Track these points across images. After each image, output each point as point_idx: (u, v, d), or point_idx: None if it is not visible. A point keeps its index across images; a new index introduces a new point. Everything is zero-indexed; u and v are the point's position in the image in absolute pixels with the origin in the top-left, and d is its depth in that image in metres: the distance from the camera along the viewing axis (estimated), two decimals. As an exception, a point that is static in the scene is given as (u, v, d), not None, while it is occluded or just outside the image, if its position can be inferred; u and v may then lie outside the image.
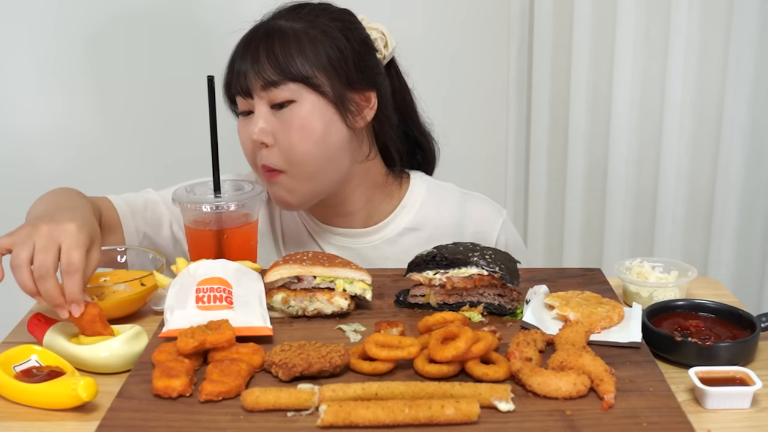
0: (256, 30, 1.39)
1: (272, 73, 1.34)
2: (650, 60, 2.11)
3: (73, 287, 1.09)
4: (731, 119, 1.95)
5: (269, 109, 1.36)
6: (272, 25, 1.38)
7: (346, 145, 1.41)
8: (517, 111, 2.50)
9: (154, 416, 0.93)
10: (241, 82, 1.36)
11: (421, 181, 1.56)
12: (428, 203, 1.53)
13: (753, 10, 1.88)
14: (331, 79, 1.36)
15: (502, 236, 1.54)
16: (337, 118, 1.38)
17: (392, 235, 1.52)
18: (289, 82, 1.34)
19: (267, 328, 1.12)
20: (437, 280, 1.21)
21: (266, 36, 1.37)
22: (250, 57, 1.35)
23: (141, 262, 1.36)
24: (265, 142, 1.36)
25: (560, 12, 2.30)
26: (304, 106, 1.35)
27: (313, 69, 1.35)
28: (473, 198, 1.57)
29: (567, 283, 1.30)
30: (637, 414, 0.93)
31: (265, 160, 1.37)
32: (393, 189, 1.54)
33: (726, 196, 1.99)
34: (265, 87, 1.34)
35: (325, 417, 0.90)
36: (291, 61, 1.34)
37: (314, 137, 1.36)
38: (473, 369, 1.00)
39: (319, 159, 1.37)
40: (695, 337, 1.10)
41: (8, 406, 1.01)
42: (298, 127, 1.35)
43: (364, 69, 1.41)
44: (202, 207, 1.26)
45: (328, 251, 1.52)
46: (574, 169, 2.31)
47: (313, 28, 1.38)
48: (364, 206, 1.51)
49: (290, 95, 1.35)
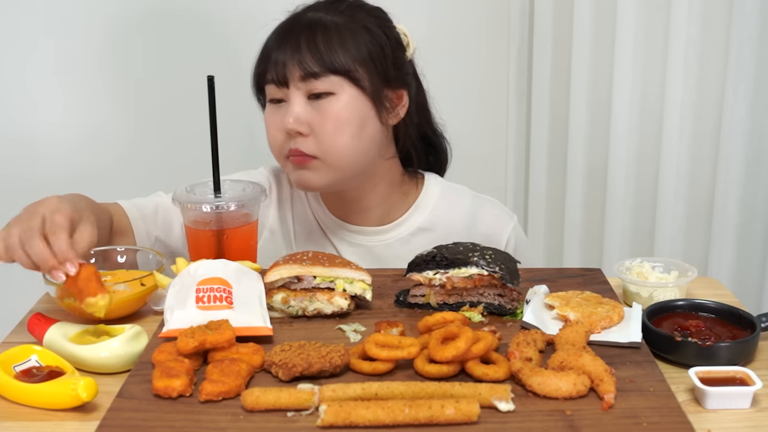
0: (295, 21, 1.40)
1: (314, 65, 1.35)
2: (650, 60, 2.11)
3: (61, 245, 1.11)
4: (731, 119, 1.95)
5: (305, 99, 1.37)
6: (313, 17, 1.39)
7: (378, 141, 1.44)
8: (517, 111, 2.50)
9: (154, 416, 0.93)
10: (279, 71, 1.37)
11: (435, 182, 1.58)
12: (441, 204, 1.55)
13: (753, 10, 1.87)
14: (371, 74, 1.38)
15: (511, 240, 1.55)
16: (373, 113, 1.40)
17: (405, 234, 1.53)
18: (331, 74, 1.35)
19: (267, 328, 1.12)
20: (437, 280, 1.21)
21: (308, 27, 1.37)
22: (290, 47, 1.36)
23: (141, 262, 1.36)
24: (301, 131, 1.37)
25: (560, 12, 2.30)
26: (342, 98, 1.37)
27: (354, 63, 1.37)
28: (485, 201, 1.59)
29: (567, 283, 1.30)
30: (637, 414, 0.93)
31: (300, 146, 1.38)
32: (409, 188, 1.56)
33: (726, 196, 1.99)
34: (305, 78, 1.35)
35: (325, 417, 0.90)
36: (333, 53, 1.35)
37: (351, 130, 1.37)
38: (473, 369, 1.00)
39: (352, 151, 1.39)
40: (695, 337, 1.10)
41: (8, 406, 1.01)
42: (335, 119, 1.36)
43: (399, 67, 1.44)
44: (202, 207, 1.26)
45: (341, 248, 1.53)
46: (574, 169, 2.31)
47: (353, 22, 1.39)
48: (381, 204, 1.52)
49: (330, 87, 1.36)
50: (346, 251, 1.53)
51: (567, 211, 2.36)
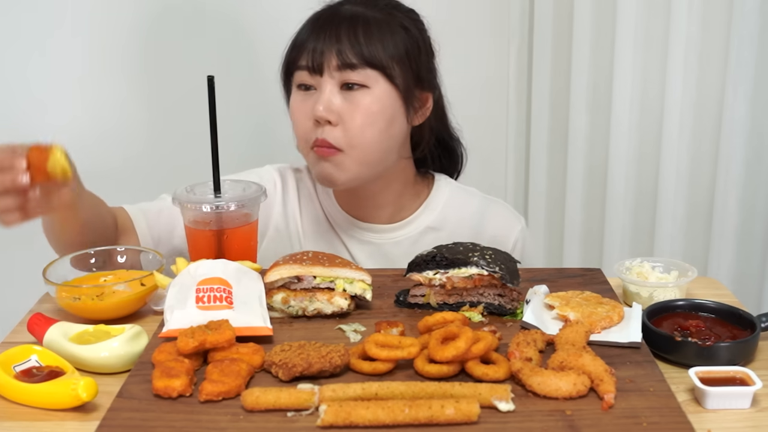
0: (334, 13, 1.41)
1: (352, 56, 1.36)
2: (650, 60, 2.11)
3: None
4: (731, 119, 1.95)
5: (338, 89, 1.38)
6: (353, 10, 1.41)
7: (401, 140, 1.46)
8: (517, 111, 2.50)
9: (154, 416, 0.93)
10: (316, 59, 1.37)
11: (446, 183, 1.59)
12: (451, 204, 1.57)
13: (753, 10, 1.87)
14: (404, 72, 1.40)
15: (518, 242, 1.57)
16: (402, 111, 1.42)
17: (415, 233, 1.54)
18: (367, 67, 1.37)
19: (267, 328, 1.12)
20: (437, 280, 1.21)
21: (350, 19, 1.38)
22: (329, 36, 1.37)
23: (141, 262, 1.36)
24: (330, 120, 1.37)
25: (560, 12, 2.30)
26: (375, 92, 1.38)
27: (391, 59, 1.38)
28: (494, 203, 1.61)
29: (567, 283, 1.30)
30: (637, 414, 0.93)
31: (326, 135, 1.38)
32: (421, 189, 1.58)
33: (726, 196, 1.99)
34: (341, 67, 1.36)
35: (325, 417, 0.90)
36: (372, 47, 1.37)
37: (379, 125, 1.38)
38: (473, 369, 1.00)
39: (379, 146, 1.40)
40: (695, 337, 1.10)
41: (8, 406, 1.01)
42: (365, 112, 1.37)
43: (429, 70, 1.46)
44: (202, 207, 1.26)
45: (350, 245, 1.54)
46: (574, 169, 2.31)
47: (392, 20, 1.41)
48: (393, 202, 1.53)
49: (364, 80, 1.37)
50: (355, 248, 1.54)
51: (567, 211, 2.36)
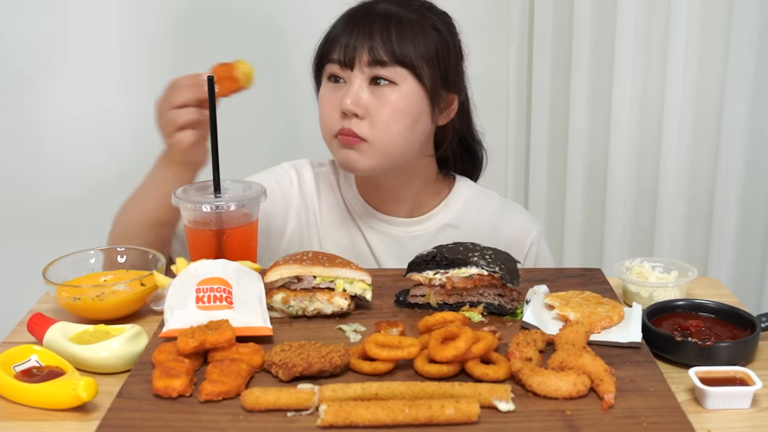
0: (369, 10, 1.44)
1: (384, 53, 1.39)
2: (650, 60, 2.11)
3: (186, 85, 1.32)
4: (731, 119, 1.95)
5: (367, 84, 1.41)
6: (387, 9, 1.44)
7: (424, 138, 1.49)
8: (517, 111, 2.50)
9: (154, 416, 0.94)
10: (348, 54, 1.41)
11: (466, 185, 1.63)
12: (470, 205, 1.60)
13: (753, 10, 1.87)
14: (433, 73, 1.43)
15: (534, 246, 1.59)
16: (428, 110, 1.45)
17: (433, 229, 1.57)
18: (397, 65, 1.40)
19: (267, 328, 1.12)
20: (437, 280, 1.21)
21: (383, 17, 1.42)
22: (362, 33, 1.40)
23: (141, 262, 1.36)
24: (357, 113, 1.40)
25: (560, 12, 2.30)
26: (403, 89, 1.41)
27: (421, 59, 1.41)
28: (513, 207, 1.65)
29: (567, 283, 1.30)
30: (637, 414, 0.93)
31: (353, 127, 1.41)
32: (441, 188, 1.61)
33: (726, 196, 1.99)
34: (372, 63, 1.40)
35: (325, 417, 0.90)
36: (404, 46, 1.40)
37: (405, 121, 1.42)
38: (473, 369, 1.00)
39: (402, 141, 1.43)
40: (695, 337, 1.10)
41: (8, 406, 1.01)
42: (392, 108, 1.40)
43: (457, 72, 1.50)
44: (202, 207, 1.26)
45: (369, 236, 1.57)
46: (574, 169, 2.31)
47: (425, 21, 1.45)
48: (414, 197, 1.56)
49: (393, 77, 1.40)
50: (374, 240, 1.57)
51: (567, 211, 2.36)
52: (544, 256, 1.61)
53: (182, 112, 1.31)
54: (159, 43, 2.24)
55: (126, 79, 2.26)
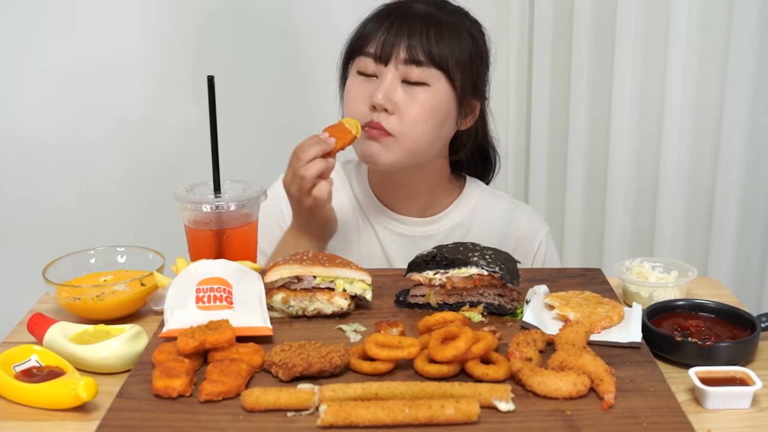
0: (407, 9, 1.45)
1: (421, 53, 1.41)
2: (650, 60, 2.11)
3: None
4: (731, 119, 1.95)
5: (399, 81, 1.42)
6: (426, 9, 1.45)
7: (447, 140, 1.52)
8: (517, 111, 2.50)
9: (154, 416, 0.93)
10: (386, 50, 1.42)
11: (477, 186, 1.64)
12: (481, 205, 1.61)
13: (753, 10, 1.87)
14: (464, 77, 1.45)
15: (542, 246, 1.61)
16: (454, 114, 1.47)
17: (445, 228, 1.58)
18: (433, 67, 1.41)
19: (267, 328, 1.12)
20: (437, 280, 1.21)
21: (423, 18, 1.43)
22: (402, 31, 1.41)
23: (141, 262, 1.36)
24: (387, 108, 1.41)
25: (560, 12, 2.30)
26: (435, 90, 1.43)
27: (455, 63, 1.43)
28: (522, 207, 1.66)
29: (567, 283, 1.30)
30: (637, 414, 0.93)
31: (382, 120, 1.42)
32: (453, 189, 1.62)
33: (726, 196, 1.99)
34: (408, 62, 1.41)
35: (325, 417, 0.90)
36: (441, 48, 1.42)
37: (433, 122, 1.43)
38: (473, 369, 1.00)
39: (427, 141, 1.45)
40: (695, 337, 1.10)
41: (8, 406, 1.01)
42: (422, 107, 1.42)
43: (484, 80, 1.52)
44: (202, 207, 1.26)
45: (382, 236, 1.58)
46: (574, 169, 2.31)
47: (461, 25, 1.46)
48: (426, 195, 1.57)
49: (427, 77, 1.42)
50: (386, 238, 1.58)
51: (567, 211, 2.36)
52: (551, 255, 1.62)
53: (312, 164, 1.35)
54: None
55: (126, 79, 2.26)
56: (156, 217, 2.20)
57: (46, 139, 2.26)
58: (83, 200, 2.30)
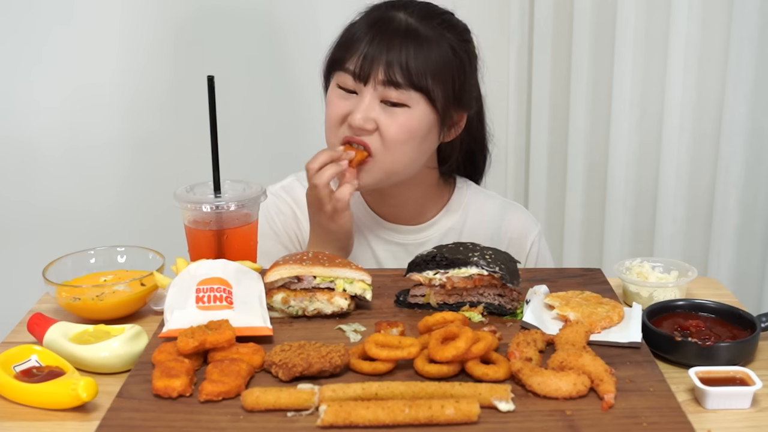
0: (389, 21, 1.41)
1: (400, 76, 1.37)
2: (650, 60, 2.11)
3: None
4: (731, 119, 1.95)
5: (378, 101, 1.40)
6: (408, 22, 1.40)
7: (429, 154, 1.49)
8: (517, 111, 2.50)
9: (154, 416, 0.94)
10: (364, 68, 1.38)
11: (467, 187, 1.62)
12: (472, 207, 1.60)
13: (753, 10, 1.87)
14: (445, 94, 1.42)
15: (534, 245, 1.59)
16: (436, 130, 1.45)
17: (436, 235, 1.57)
18: (412, 90, 1.38)
19: (267, 328, 1.12)
20: (437, 280, 1.21)
21: (404, 34, 1.39)
22: (381, 47, 1.38)
23: (141, 262, 1.36)
24: (367, 129, 1.39)
25: (560, 12, 2.30)
26: (415, 113, 1.40)
27: (436, 83, 1.39)
28: (513, 206, 1.64)
29: (567, 283, 1.30)
30: (637, 414, 0.93)
31: (364, 138, 1.40)
32: (443, 191, 1.60)
33: (726, 196, 1.99)
34: (386, 84, 1.38)
35: (325, 417, 0.90)
36: (421, 71, 1.38)
37: (414, 142, 1.41)
38: (473, 369, 1.00)
39: (408, 161, 1.43)
40: (695, 337, 1.10)
41: (8, 406, 1.01)
42: (401, 128, 1.39)
43: (468, 89, 1.47)
44: (202, 207, 1.26)
45: (375, 246, 1.56)
46: (574, 169, 2.31)
47: (443, 41, 1.41)
48: (416, 202, 1.56)
49: (406, 100, 1.39)
50: (380, 249, 1.56)
51: (567, 211, 2.36)
52: (544, 255, 1.61)
53: (323, 171, 1.36)
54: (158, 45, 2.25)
55: (125, 79, 2.26)
56: (156, 217, 2.20)
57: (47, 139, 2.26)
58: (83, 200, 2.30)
